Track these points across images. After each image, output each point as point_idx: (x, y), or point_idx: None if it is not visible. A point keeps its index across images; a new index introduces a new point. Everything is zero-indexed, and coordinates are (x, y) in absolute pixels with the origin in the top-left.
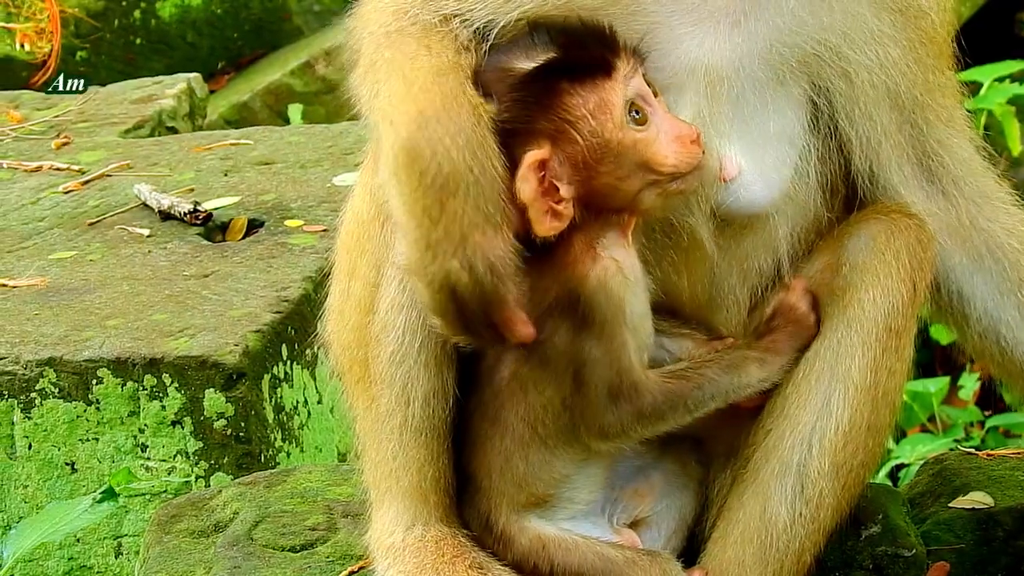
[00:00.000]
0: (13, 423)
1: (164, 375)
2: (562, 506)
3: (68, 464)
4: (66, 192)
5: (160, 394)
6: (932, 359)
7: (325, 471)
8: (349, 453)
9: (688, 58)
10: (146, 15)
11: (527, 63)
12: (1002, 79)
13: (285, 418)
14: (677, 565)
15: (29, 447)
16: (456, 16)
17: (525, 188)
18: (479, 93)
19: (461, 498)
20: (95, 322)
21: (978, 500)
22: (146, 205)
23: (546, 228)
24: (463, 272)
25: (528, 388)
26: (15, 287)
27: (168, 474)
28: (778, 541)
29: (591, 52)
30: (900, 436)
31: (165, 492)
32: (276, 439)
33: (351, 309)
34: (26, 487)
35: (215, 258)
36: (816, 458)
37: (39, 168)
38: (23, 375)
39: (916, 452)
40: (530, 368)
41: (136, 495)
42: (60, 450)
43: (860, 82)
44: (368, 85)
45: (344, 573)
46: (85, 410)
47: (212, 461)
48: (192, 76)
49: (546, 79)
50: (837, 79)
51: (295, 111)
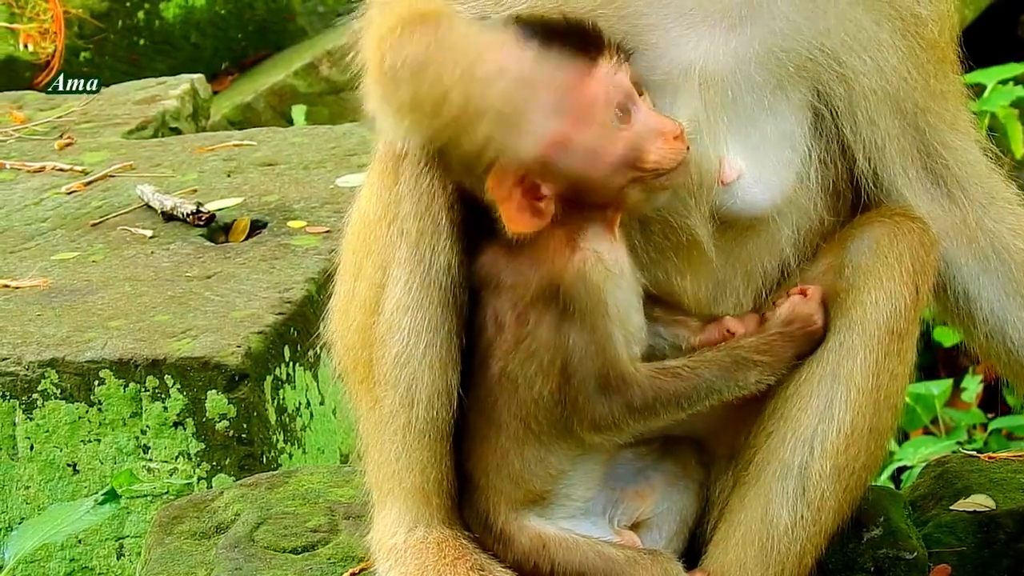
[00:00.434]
0: (15, 424)
1: (166, 376)
2: (560, 503)
3: (70, 465)
4: (69, 193)
5: (162, 395)
6: (935, 361)
7: (327, 472)
8: (351, 454)
9: (684, 61)
10: (150, 16)
11: None
12: (1005, 82)
13: (287, 419)
14: (678, 565)
15: (31, 448)
16: None
17: (499, 190)
18: None
19: (461, 498)
20: (97, 323)
21: (980, 503)
22: (149, 206)
23: (523, 226)
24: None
25: (519, 384)
26: (17, 288)
27: (170, 475)
28: (779, 543)
29: (573, 48)
30: (903, 438)
31: (167, 493)
32: (278, 440)
33: (356, 309)
34: (28, 488)
35: (218, 259)
36: (818, 460)
37: (42, 169)
38: (25, 376)
39: (919, 454)
40: (518, 362)
41: (138, 496)
42: (62, 451)
43: (860, 87)
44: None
45: (346, 575)
46: (87, 411)
47: (214, 462)
48: (196, 77)
49: None
50: (837, 84)
51: (299, 112)
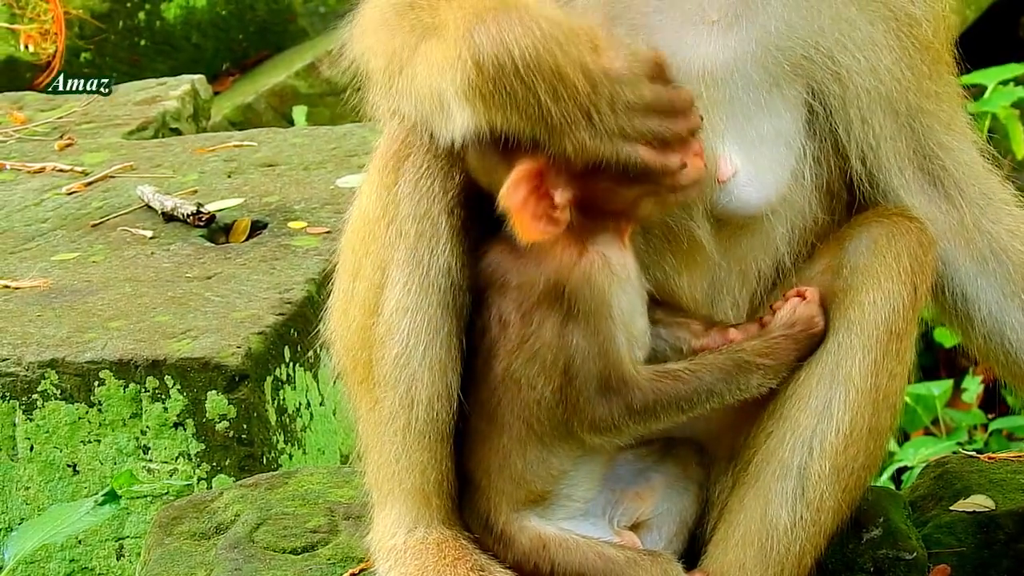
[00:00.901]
0: (15, 425)
1: (166, 377)
2: (561, 504)
3: (70, 466)
4: (69, 193)
5: (162, 396)
6: (936, 362)
7: (327, 473)
8: (351, 455)
9: (683, 60)
10: (151, 16)
11: None
12: (1006, 82)
13: (287, 420)
14: (678, 565)
15: (31, 449)
16: None
17: (512, 199)
18: None
19: (461, 499)
20: (97, 324)
21: (979, 503)
22: (149, 207)
23: (537, 234)
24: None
25: (522, 385)
26: (18, 288)
27: (170, 476)
28: (779, 544)
29: None
30: (903, 439)
31: (167, 494)
32: (278, 441)
33: (355, 310)
34: (28, 489)
35: (218, 260)
36: (817, 461)
37: (42, 169)
38: (25, 376)
39: (919, 455)
40: (522, 362)
41: (138, 497)
42: (62, 452)
43: (853, 86)
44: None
45: (345, 575)
46: (87, 412)
47: (214, 463)
48: (196, 78)
49: None
50: (831, 83)
51: (299, 113)
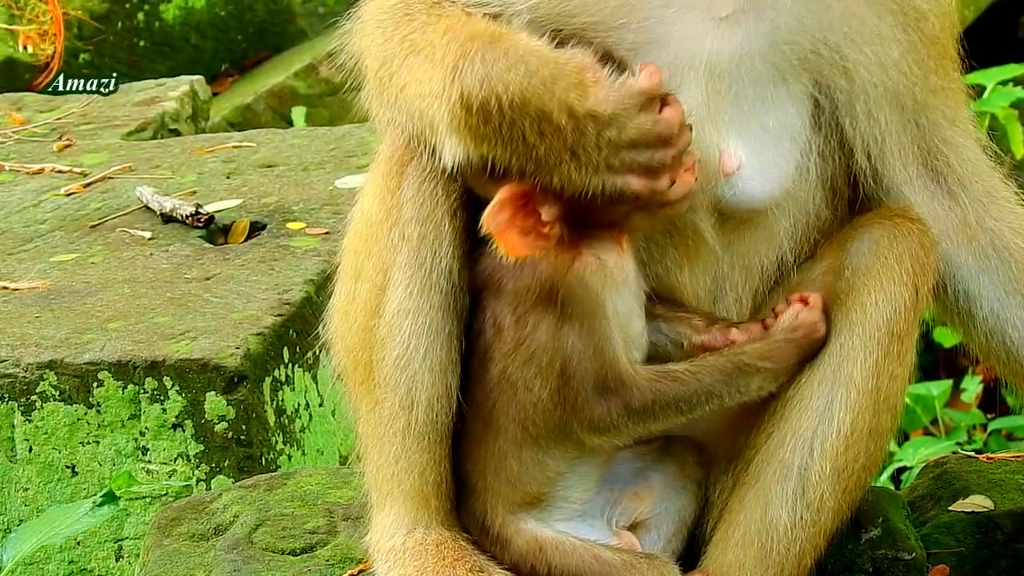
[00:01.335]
0: (14, 426)
1: (165, 378)
2: (557, 506)
3: (69, 467)
4: (68, 194)
5: (161, 397)
6: (935, 362)
7: (326, 474)
8: (350, 456)
9: (690, 54)
10: (150, 17)
11: None
12: (1005, 82)
13: (286, 421)
14: (675, 568)
15: (30, 450)
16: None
17: (494, 221)
18: None
19: (459, 501)
20: (96, 325)
21: (978, 503)
22: (148, 208)
23: (526, 250)
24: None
25: (518, 387)
26: (16, 289)
27: (169, 477)
28: (779, 544)
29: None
30: (903, 439)
31: (166, 495)
32: (277, 442)
33: (356, 311)
34: (26, 490)
35: (217, 261)
36: (817, 461)
37: (41, 170)
38: (24, 378)
39: (918, 455)
40: (517, 365)
41: (136, 498)
42: (61, 453)
43: (860, 81)
44: (385, 80)
45: None
46: (86, 413)
47: (213, 464)
48: (195, 78)
49: None
50: (838, 77)
51: (298, 114)
